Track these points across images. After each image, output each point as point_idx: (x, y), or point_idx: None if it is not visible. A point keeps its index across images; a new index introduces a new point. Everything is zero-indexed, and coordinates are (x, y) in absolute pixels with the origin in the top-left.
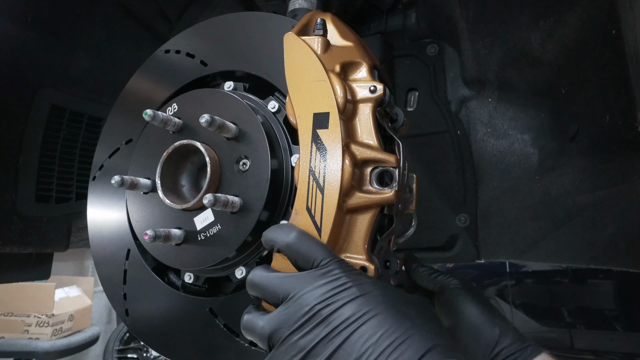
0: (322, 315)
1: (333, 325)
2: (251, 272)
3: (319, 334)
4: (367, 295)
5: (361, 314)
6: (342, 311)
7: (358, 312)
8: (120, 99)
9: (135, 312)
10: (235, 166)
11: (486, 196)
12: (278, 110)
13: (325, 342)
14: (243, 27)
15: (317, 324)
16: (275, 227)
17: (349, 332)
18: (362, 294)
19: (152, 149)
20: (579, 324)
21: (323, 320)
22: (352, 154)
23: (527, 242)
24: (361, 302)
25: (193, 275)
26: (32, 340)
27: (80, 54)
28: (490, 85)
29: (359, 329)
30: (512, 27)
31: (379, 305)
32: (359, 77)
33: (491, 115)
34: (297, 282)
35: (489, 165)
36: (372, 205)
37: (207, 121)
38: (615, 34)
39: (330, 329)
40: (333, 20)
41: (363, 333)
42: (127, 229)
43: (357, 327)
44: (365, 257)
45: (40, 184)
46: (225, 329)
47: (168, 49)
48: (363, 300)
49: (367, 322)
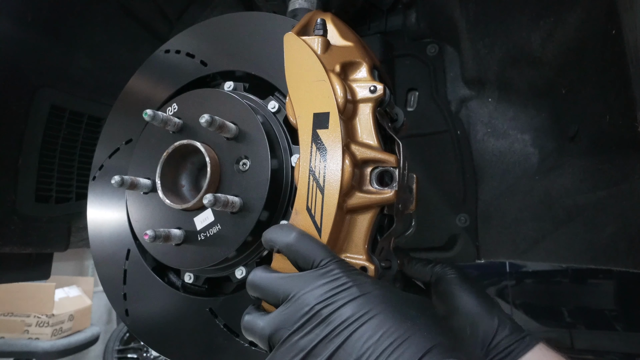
0: (322, 315)
1: (333, 326)
2: (251, 272)
3: (319, 334)
4: (367, 295)
5: (361, 313)
6: (342, 311)
7: (358, 312)
8: (120, 99)
9: (135, 312)
10: (235, 166)
11: (486, 196)
12: (278, 110)
13: (325, 342)
14: (243, 27)
15: (317, 324)
16: (275, 228)
17: (349, 332)
18: (362, 293)
19: (152, 149)
20: (579, 324)
21: (323, 320)
22: (352, 154)
23: (527, 242)
24: (361, 302)
25: (193, 275)
26: (32, 340)
27: (80, 54)
28: (490, 85)
29: (359, 329)
30: (512, 27)
31: (379, 305)
32: (359, 77)
33: (491, 115)
34: (297, 282)
35: (489, 165)
36: (372, 205)
37: (207, 121)
38: (615, 34)
39: (331, 329)
40: (333, 20)
41: (363, 333)
42: (127, 229)
43: (358, 327)
44: (365, 257)
45: (40, 184)
46: (225, 329)
47: (168, 49)
48: (363, 300)
49: (368, 322)
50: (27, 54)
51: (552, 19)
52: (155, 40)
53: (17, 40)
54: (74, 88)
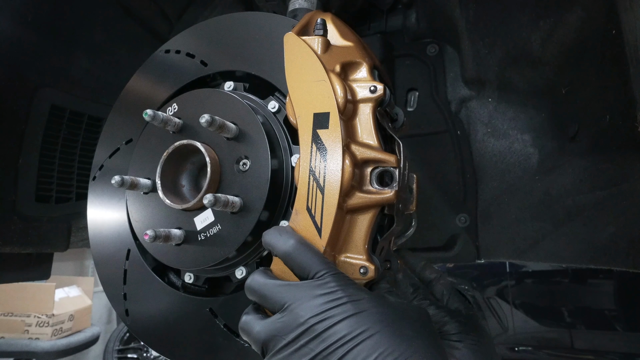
0: (316, 330)
1: (328, 343)
2: (250, 276)
3: (313, 349)
4: (363, 313)
5: (357, 333)
6: (337, 328)
7: (354, 330)
8: (121, 99)
9: (136, 312)
10: (236, 166)
11: (486, 196)
12: (278, 110)
13: (319, 358)
14: (243, 27)
15: (312, 339)
16: (274, 232)
17: (344, 350)
18: (358, 311)
19: (152, 149)
20: (579, 324)
21: (317, 336)
22: (352, 154)
23: (527, 242)
24: (357, 320)
25: (193, 275)
26: (32, 340)
27: (80, 54)
28: (490, 85)
29: (355, 349)
30: (512, 27)
31: (376, 324)
32: (359, 77)
33: (491, 115)
34: (293, 292)
35: (489, 165)
36: (373, 205)
37: (207, 121)
38: (615, 34)
39: (325, 346)
40: (333, 20)
41: (359, 353)
42: (127, 229)
43: (353, 346)
44: (365, 257)
45: (40, 184)
46: (225, 329)
47: (168, 49)
48: (359, 319)
49: (364, 342)
50: (27, 54)
51: (552, 19)
52: (155, 40)
53: (17, 40)
54: (74, 88)
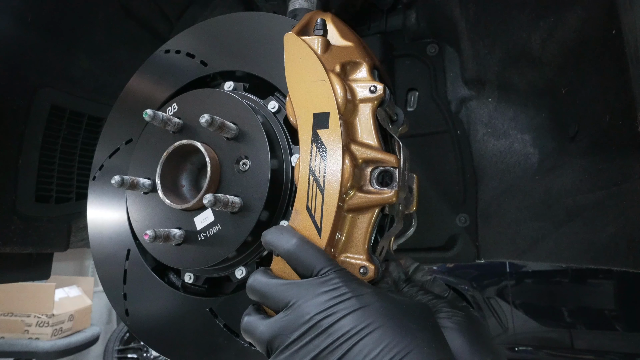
0: (322, 326)
1: (333, 338)
2: (251, 276)
3: (319, 345)
4: (367, 307)
5: (362, 327)
6: (342, 323)
7: (358, 324)
8: (121, 99)
9: (136, 312)
10: (235, 166)
11: (486, 196)
12: (278, 110)
13: (325, 353)
14: (243, 27)
15: (317, 334)
16: (275, 231)
17: (349, 345)
18: (362, 306)
19: (152, 149)
20: (579, 324)
21: (323, 332)
22: (352, 154)
23: (527, 242)
24: (361, 314)
25: (193, 275)
26: (32, 340)
27: (80, 54)
28: (490, 85)
29: (360, 342)
30: (512, 27)
31: (380, 318)
32: (359, 77)
33: (491, 115)
34: (296, 290)
35: (489, 165)
36: (373, 205)
37: (207, 121)
38: (615, 34)
39: (331, 341)
40: (333, 20)
41: (364, 347)
42: (127, 229)
43: (358, 340)
44: (365, 257)
45: (40, 184)
46: (225, 329)
47: (168, 49)
48: (363, 313)
49: (368, 335)
50: (27, 54)
51: (552, 19)
52: (155, 40)
53: (17, 40)
54: (74, 88)
